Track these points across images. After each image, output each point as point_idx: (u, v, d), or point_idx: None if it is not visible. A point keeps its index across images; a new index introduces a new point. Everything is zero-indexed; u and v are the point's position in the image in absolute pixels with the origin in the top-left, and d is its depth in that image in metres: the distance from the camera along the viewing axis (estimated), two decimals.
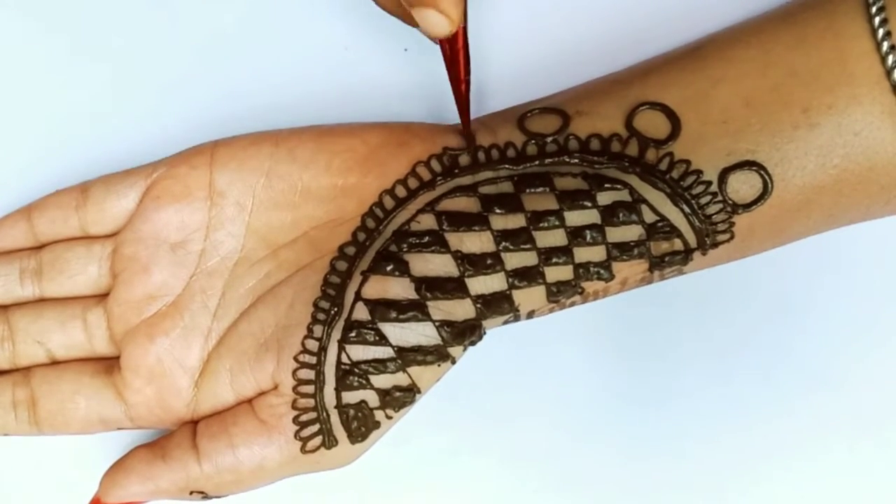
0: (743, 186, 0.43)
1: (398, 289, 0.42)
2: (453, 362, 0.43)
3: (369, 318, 0.42)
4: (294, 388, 0.43)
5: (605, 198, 0.43)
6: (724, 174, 0.43)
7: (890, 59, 0.42)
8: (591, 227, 0.43)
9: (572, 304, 0.45)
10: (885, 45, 0.42)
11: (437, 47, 0.48)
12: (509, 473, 0.48)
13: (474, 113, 0.47)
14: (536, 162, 0.44)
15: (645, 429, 0.49)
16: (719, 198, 0.43)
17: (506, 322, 0.44)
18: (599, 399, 0.49)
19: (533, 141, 0.44)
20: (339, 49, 0.49)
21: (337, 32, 0.49)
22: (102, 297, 0.46)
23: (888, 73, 0.42)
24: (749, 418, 0.48)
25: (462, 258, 0.42)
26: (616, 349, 0.49)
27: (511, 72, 0.49)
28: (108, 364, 0.46)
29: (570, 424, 0.49)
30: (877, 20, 0.42)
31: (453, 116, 0.47)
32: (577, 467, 0.48)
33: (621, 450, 0.49)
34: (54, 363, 0.46)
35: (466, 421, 0.48)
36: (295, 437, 0.43)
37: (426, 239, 0.43)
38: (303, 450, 0.43)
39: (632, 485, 0.49)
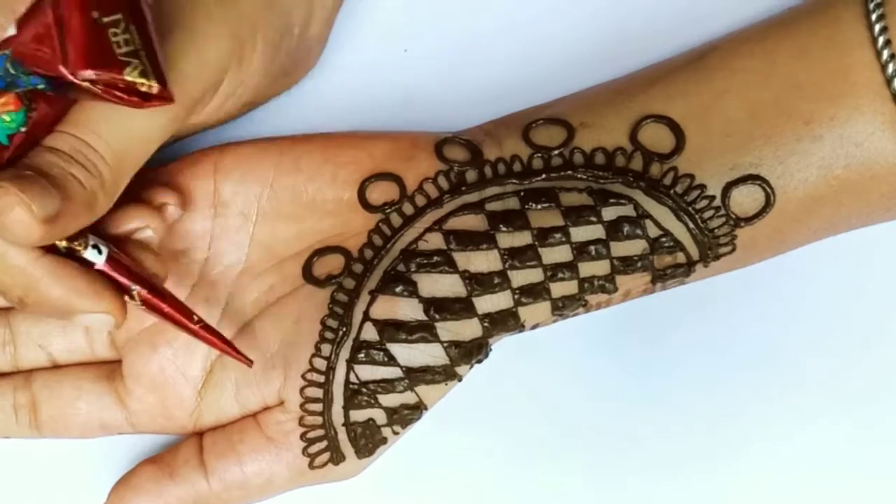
0: (746, 200, 0.43)
1: (407, 309, 0.42)
2: (460, 380, 0.43)
3: (378, 338, 0.42)
4: (301, 406, 0.43)
5: (610, 213, 0.43)
6: (728, 188, 0.43)
7: (890, 67, 0.42)
8: (596, 242, 0.43)
9: (574, 315, 0.45)
10: (886, 54, 0.42)
11: (438, 46, 0.47)
12: (506, 473, 0.49)
13: (476, 117, 0.47)
14: (542, 176, 0.44)
15: (642, 425, 0.49)
16: (722, 212, 0.43)
17: (509, 335, 0.44)
18: (596, 398, 0.49)
19: (538, 155, 0.44)
20: (338, 50, 0.48)
21: (336, 33, 0.48)
22: None
23: (888, 81, 0.42)
24: (753, 417, 0.49)
25: (470, 278, 0.43)
26: (613, 347, 0.49)
27: (513, 76, 0.49)
28: (110, 369, 0.45)
29: (566, 424, 0.49)
30: (877, 28, 0.42)
31: (453, 118, 0.47)
32: (574, 467, 0.49)
33: (617, 449, 0.49)
34: (56, 367, 0.46)
35: (464, 420, 0.49)
36: (303, 453, 0.43)
37: (434, 259, 0.43)
38: (310, 466, 0.43)
39: (629, 485, 0.49)
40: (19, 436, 0.46)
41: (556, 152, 0.44)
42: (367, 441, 0.43)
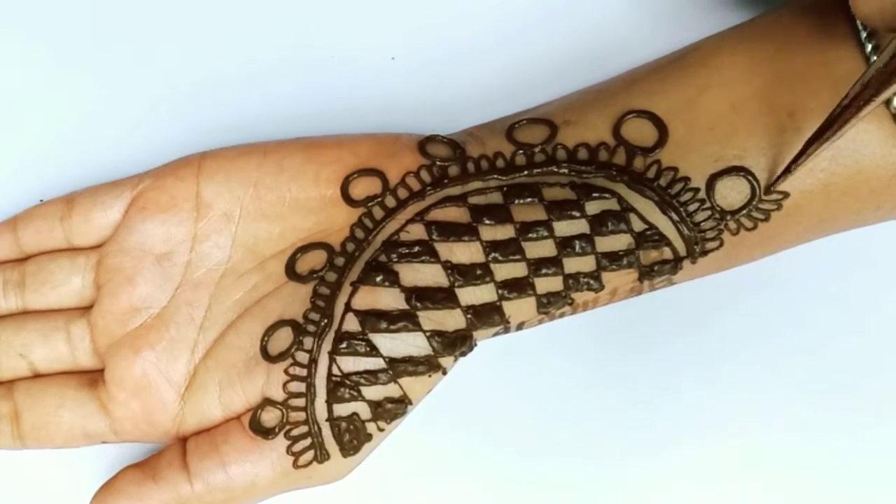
0: (731, 193, 0.43)
1: (388, 299, 0.42)
2: (444, 373, 0.43)
3: (360, 329, 0.42)
4: (284, 402, 0.42)
5: (593, 207, 0.43)
6: (712, 181, 0.43)
7: (874, 59, 0.42)
8: (580, 237, 0.43)
9: (562, 315, 0.45)
10: (869, 47, 0.42)
11: (427, 55, 0.47)
12: (496, 485, 0.48)
13: (462, 125, 0.47)
14: (525, 172, 0.44)
15: (633, 438, 0.49)
16: (707, 205, 0.43)
17: (496, 334, 0.44)
18: (584, 410, 0.49)
19: (521, 151, 0.44)
20: (325, 58, 0.49)
21: (323, 42, 0.49)
22: (86, 309, 0.46)
23: None
24: (739, 427, 0.49)
25: (452, 268, 0.42)
26: (601, 358, 0.49)
27: (498, 84, 0.49)
28: (93, 377, 0.45)
29: (556, 435, 0.49)
30: (859, 23, 0.42)
31: (440, 126, 0.47)
32: (566, 478, 0.48)
33: (608, 461, 0.49)
34: (38, 376, 0.45)
35: (455, 432, 0.48)
36: (287, 451, 0.42)
37: (416, 249, 0.42)
38: (295, 464, 0.42)
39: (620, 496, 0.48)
40: (2, 447, 0.45)
41: (538, 148, 0.44)
42: (352, 437, 0.42)
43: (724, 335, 0.49)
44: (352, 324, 0.42)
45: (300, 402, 0.42)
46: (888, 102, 0.42)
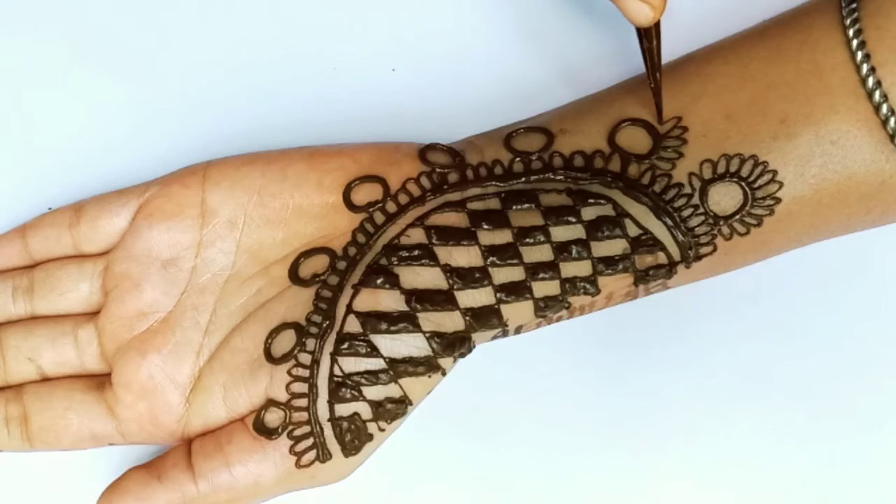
0: (724, 198, 0.44)
1: (389, 301, 0.43)
2: (444, 374, 0.43)
3: (361, 330, 0.43)
4: (287, 402, 0.43)
5: (589, 213, 0.44)
6: (705, 186, 0.44)
7: (864, 67, 0.43)
8: (577, 242, 0.43)
9: (559, 319, 0.45)
10: (860, 55, 0.43)
11: (427, 66, 0.48)
12: (496, 485, 0.49)
13: (462, 134, 0.48)
14: (522, 179, 0.45)
15: (631, 439, 0.49)
16: (701, 210, 0.44)
17: (494, 337, 0.45)
18: (581, 412, 0.49)
19: (519, 159, 0.45)
20: (328, 69, 0.50)
21: (326, 53, 0.50)
22: (94, 314, 0.47)
23: (863, 81, 0.43)
24: (732, 428, 0.49)
25: (451, 271, 0.43)
26: (599, 361, 0.50)
27: (497, 95, 0.50)
28: (100, 380, 0.46)
29: (554, 437, 0.49)
30: (851, 31, 0.43)
31: (440, 135, 0.48)
32: (564, 478, 0.49)
33: (606, 462, 0.49)
34: (45, 380, 0.46)
35: (454, 433, 0.49)
36: (290, 451, 0.43)
37: (416, 252, 0.43)
38: (297, 464, 0.43)
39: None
40: (11, 449, 0.46)
41: (535, 156, 0.45)
42: (354, 437, 0.43)
43: (719, 338, 0.49)
44: (353, 325, 0.43)
45: (303, 402, 0.43)
46: (878, 109, 0.43)
